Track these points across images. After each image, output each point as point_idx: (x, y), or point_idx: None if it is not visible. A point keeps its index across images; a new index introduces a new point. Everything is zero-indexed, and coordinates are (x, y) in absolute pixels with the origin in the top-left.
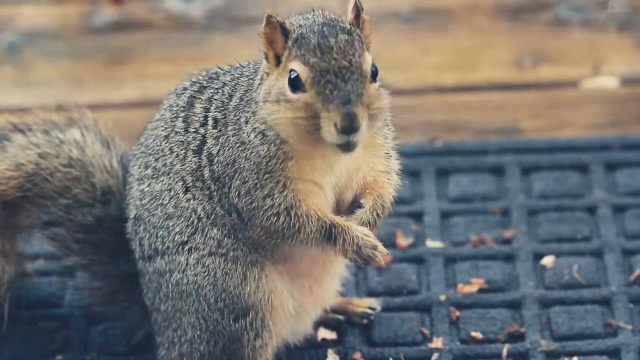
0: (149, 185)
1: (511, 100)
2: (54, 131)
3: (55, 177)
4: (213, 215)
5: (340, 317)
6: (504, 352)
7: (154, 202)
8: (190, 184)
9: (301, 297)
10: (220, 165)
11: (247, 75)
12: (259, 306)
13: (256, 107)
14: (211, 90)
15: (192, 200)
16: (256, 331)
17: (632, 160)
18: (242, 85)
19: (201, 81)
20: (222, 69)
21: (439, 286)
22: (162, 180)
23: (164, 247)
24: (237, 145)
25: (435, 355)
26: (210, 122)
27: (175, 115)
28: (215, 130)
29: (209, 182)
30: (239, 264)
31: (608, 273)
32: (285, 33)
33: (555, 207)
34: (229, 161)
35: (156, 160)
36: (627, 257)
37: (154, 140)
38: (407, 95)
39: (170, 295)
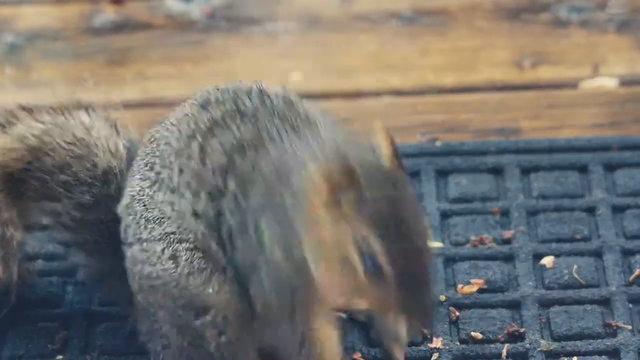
0: (150, 187)
1: (511, 101)
2: (61, 113)
3: (57, 153)
4: (215, 251)
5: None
6: (504, 352)
7: (154, 207)
8: (201, 215)
9: None
10: (238, 253)
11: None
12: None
13: (292, 233)
14: (230, 135)
15: (200, 224)
16: (219, 329)
17: (632, 161)
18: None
19: (229, 108)
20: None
21: (438, 286)
22: (166, 193)
23: (144, 238)
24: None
25: (435, 356)
26: (230, 187)
27: (192, 134)
28: (234, 204)
29: (226, 239)
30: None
31: (607, 273)
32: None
33: (555, 207)
34: (247, 263)
35: (162, 167)
36: (626, 257)
37: (164, 146)
38: (406, 95)
39: (142, 287)
